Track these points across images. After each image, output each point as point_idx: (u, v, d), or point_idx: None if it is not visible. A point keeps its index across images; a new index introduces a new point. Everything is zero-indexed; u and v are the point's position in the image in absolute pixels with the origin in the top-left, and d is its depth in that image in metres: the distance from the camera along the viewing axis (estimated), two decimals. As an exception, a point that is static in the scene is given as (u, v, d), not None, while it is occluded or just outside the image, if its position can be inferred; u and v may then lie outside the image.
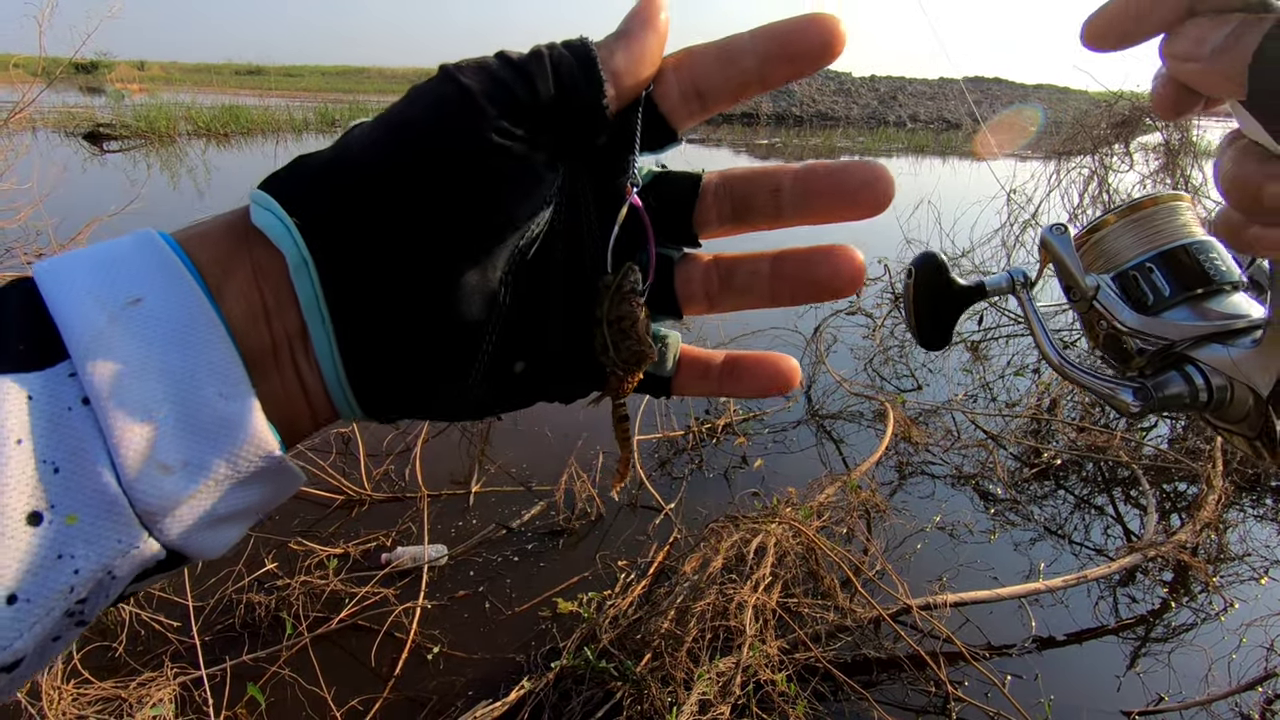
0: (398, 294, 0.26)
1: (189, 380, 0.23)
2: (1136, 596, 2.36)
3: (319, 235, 0.25)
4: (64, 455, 0.21)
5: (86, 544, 0.22)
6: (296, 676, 1.79)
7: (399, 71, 54.60)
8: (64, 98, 18.06)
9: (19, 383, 0.21)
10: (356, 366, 0.26)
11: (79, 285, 0.23)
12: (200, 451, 0.23)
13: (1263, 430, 0.36)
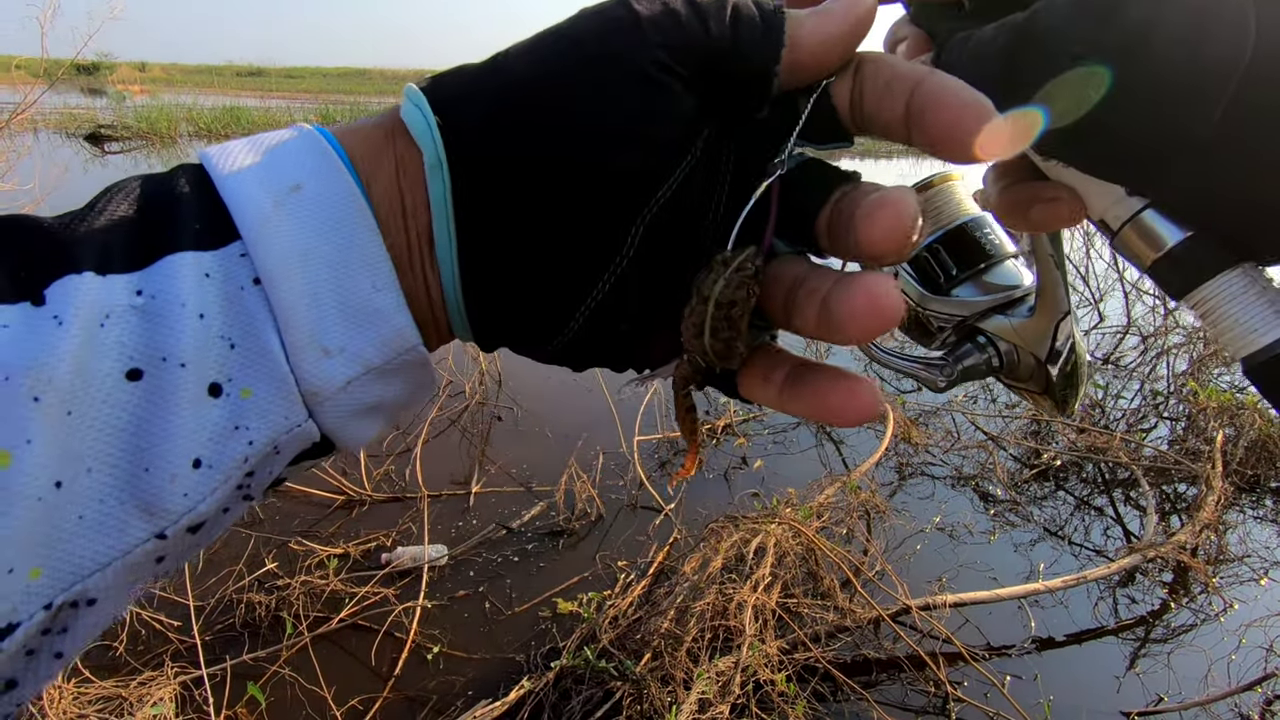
0: (525, 214, 0.25)
1: (345, 269, 0.24)
2: (1136, 597, 2.36)
3: (460, 137, 0.25)
4: (239, 332, 0.22)
5: (259, 418, 0.23)
6: (296, 676, 1.79)
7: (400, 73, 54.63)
8: (65, 99, 18.10)
9: (197, 260, 0.22)
10: (473, 280, 0.26)
11: (246, 170, 0.24)
12: (356, 338, 0.24)
13: (1047, 387, 0.40)
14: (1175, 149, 0.24)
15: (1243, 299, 0.25)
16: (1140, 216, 0.26)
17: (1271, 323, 0.24)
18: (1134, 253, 0.27)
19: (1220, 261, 0.25)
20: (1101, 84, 0.23)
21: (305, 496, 2.53)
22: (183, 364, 0.21)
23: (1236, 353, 0.25)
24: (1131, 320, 4.49)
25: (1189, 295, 0.26)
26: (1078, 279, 4.82)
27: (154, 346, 0.21)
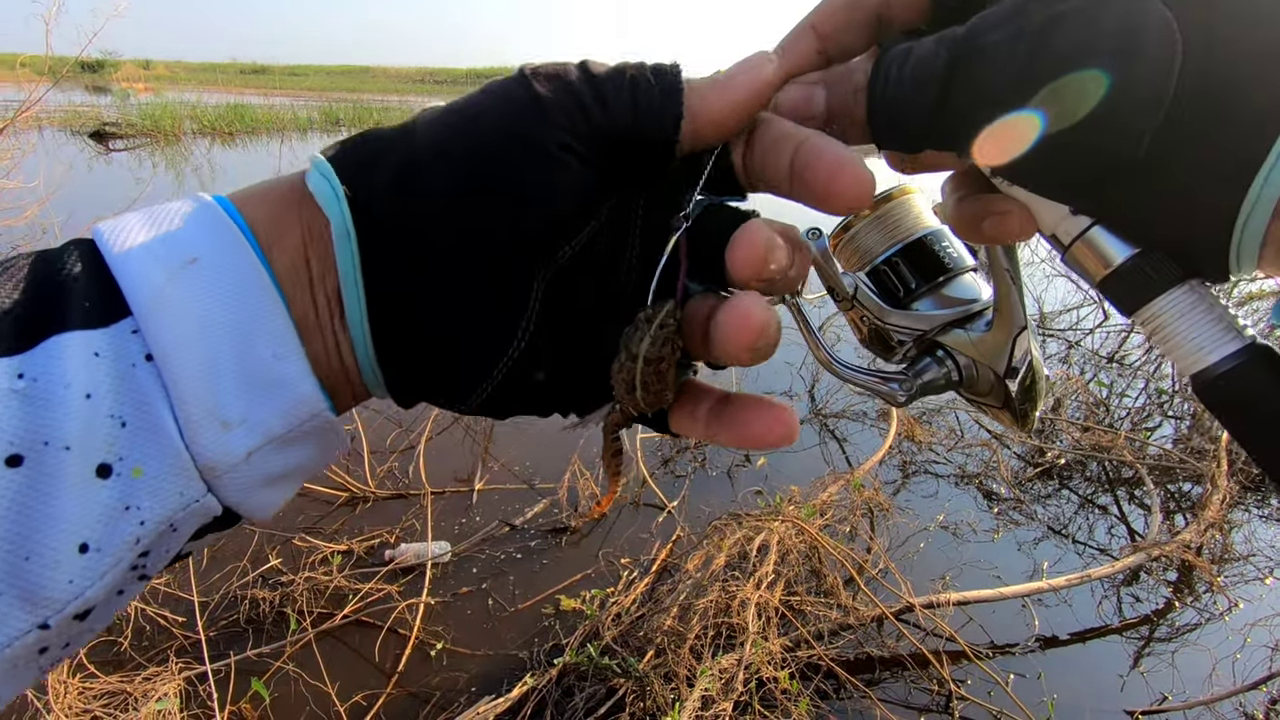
0: (433, 279, 0.26)
1: (246, 338, 0.24)
2: (1140, 596, 2.35)
3: (366, 206, 0.25)
4: (130, 410, 0.22)
5: (151, 496, 0.22)
6: (300, 672, 1.79)
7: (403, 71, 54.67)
8: (70, 97, 18.14)
9: (86, 339, 0.22)
10: (385, 343, 0.26)
11: (138, 245, 0.24)
12: (258, 408, 0.24)
13: (1006, 401, 0.40)
14: (1111, 172, 0.24)
15: (1190, 316, 0.25)
16: (1089, 233, 0.26)
17: (1218, 340, 0.24)
18: (1084, 269, 0.27)
19: (1167, 278, 0.25)
20: (1035, 129, 0.24)
21: (309, 493, 2.53)
22: (67, 447, 0.21)
23: (1184, 370, 0.25)
24: (1136, 318, 4.47)
25: (1138, 312, 0.26)
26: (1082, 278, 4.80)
27: (35, 431, 0.21)
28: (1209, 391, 0.25)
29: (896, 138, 0.27)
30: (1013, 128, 0.24)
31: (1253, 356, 0.24)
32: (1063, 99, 0.23)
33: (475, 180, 0.25)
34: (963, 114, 0.25)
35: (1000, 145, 0.25)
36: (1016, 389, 0.39)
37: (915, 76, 0.25)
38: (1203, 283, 0.25)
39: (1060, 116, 0.23)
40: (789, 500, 2.25)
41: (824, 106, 0.27)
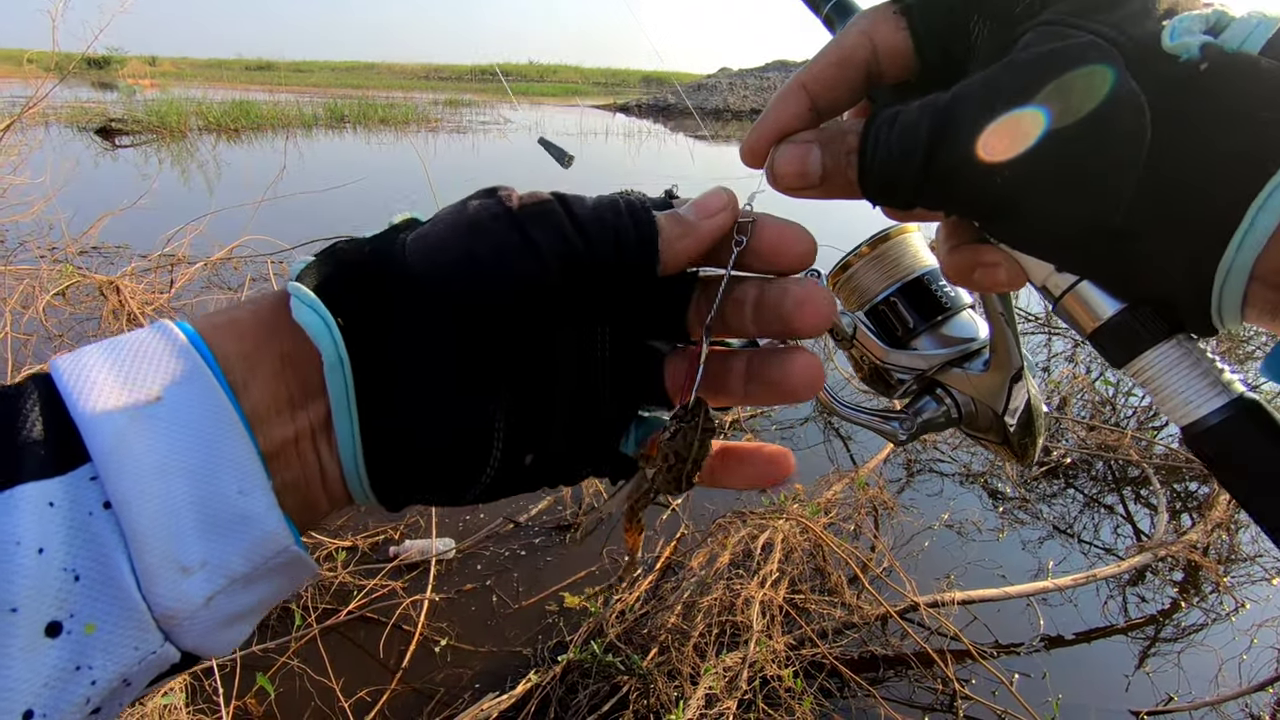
0: (424, 402, 0.27)
1: (209, 478, 0.23)
2: (1146, 596, 2.34)
3: (358, 336, 0.26)
4: (85, 562, 0.21)
5: (104, 653, 0.21)
6: (305, 667, 1.80)
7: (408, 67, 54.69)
8: (76, 93, 18.20)
9: (40, 490, 0.21)
10: (376, 462, 0.27)
11: (99, 384, 0.23)
12: (219, 550, 0.23)
13: (1005, 438, 0.41)
14: (1090, 236, 0.25)
15: (1177, 370, 0.26)
16: (1078, 287, 0.27)
17: (1205, 395, 0.25)
18: (1074, 321, 0.28)
19: (1155, 333, 0.26)
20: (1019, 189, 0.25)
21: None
22: (13, 609, 0.20)
23: (1176, 422, 0.26)
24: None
25: (1128, 365, 0.27)
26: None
27: None
28: (1197, 444, 0.25)
29: (888, 200, 0.28)
30: (998, 186, 0.25)
31: (1239, 411, 0.25)
32: (1039, 164, 0.24)
33: (469, 313, 0.26)
34: (947, 181, 0.26)
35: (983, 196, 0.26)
36: (1015, 426, 0.40)
37: (901, 145, 0.26)
38: (1190, 336, 0.26)
39: (1040, 184, 0.25)
40: (793, 498, 2.25)
41: (819, 168, 0.29)
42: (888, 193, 0.28)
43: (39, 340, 3.39)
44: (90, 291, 3.83)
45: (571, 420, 0.30)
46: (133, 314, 3.52)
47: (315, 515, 0.28)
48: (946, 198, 0.27)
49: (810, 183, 0.29)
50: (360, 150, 12.05)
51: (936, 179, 0.26)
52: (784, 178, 0.29)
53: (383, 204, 6.40)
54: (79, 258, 4.54)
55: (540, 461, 0.30)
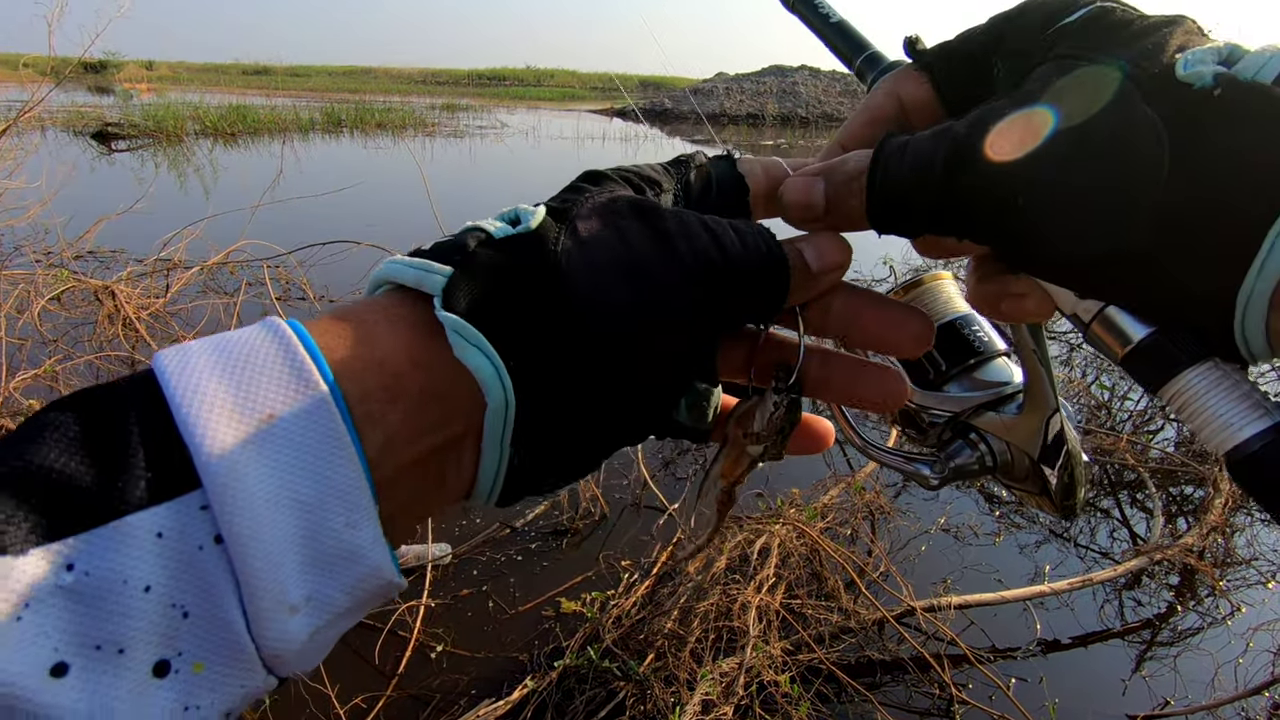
0: (567, 438, 0.27)
1: (318, 510, 0.21)
2: (1142, 600, 2.35)
3: (527, 378, 0.25)
4: (193, 598, 0.20)
5: (211, 691, 0.20)
6: (300, 673, 1.79)
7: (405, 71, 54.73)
8: (73, 97, 18.19)
9: (148, 520, 0.19)
10: (510, 485, 0.27)
11: (209, 396, 0.21)
12: (324, 586, 0.22)
13: (1042, 488, 0.40)
14: (1110, 263, 0.25)
15: (1214, 394, 0.24)
16: (1107, 312, 0.27)
17: (1246, 417, 0.24)
18: (1105, 347, 0.27)
19: (1190, 356, 0.25)
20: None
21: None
22: (120, 650, 0.19)
23: (1217, 449, 0.25)
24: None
25: (1163, 390, 0.26)
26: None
27: (86, 633, 0.18)
28: (1241, 469, 0.24)
29: (895, 225, 0.28)
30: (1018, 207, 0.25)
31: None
32: (1062, 190, 0.24)
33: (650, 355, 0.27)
34: (967, 202, 0.26)
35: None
36: (1055, 480, 0.39)
37: (914, 171, 0.27)
38: (1226, 359, 0.25)
39: (1064, 210, 0.24)
40: (790, 503, 2.25)
41: (823, 198, 0.29)
42: (896, 216, 0.28)
43: (34, 345, 3.38)
44: (86, 296, 3.82)
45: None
46: (128, 318, 3.51)
47: (420, 523, 0.29)
48: (965, 220, 0.27)
49: (815, 213, 0.29)
50: (357, 155, 12.06)
51: (956, 200, 0.26)
52: (791, 208, 0.30)
53: (380, 208, 6.41)
54: (75, 262, 4.53)
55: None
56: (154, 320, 3.67)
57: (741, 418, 0.31)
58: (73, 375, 3.07)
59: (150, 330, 3.54)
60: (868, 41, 0.46)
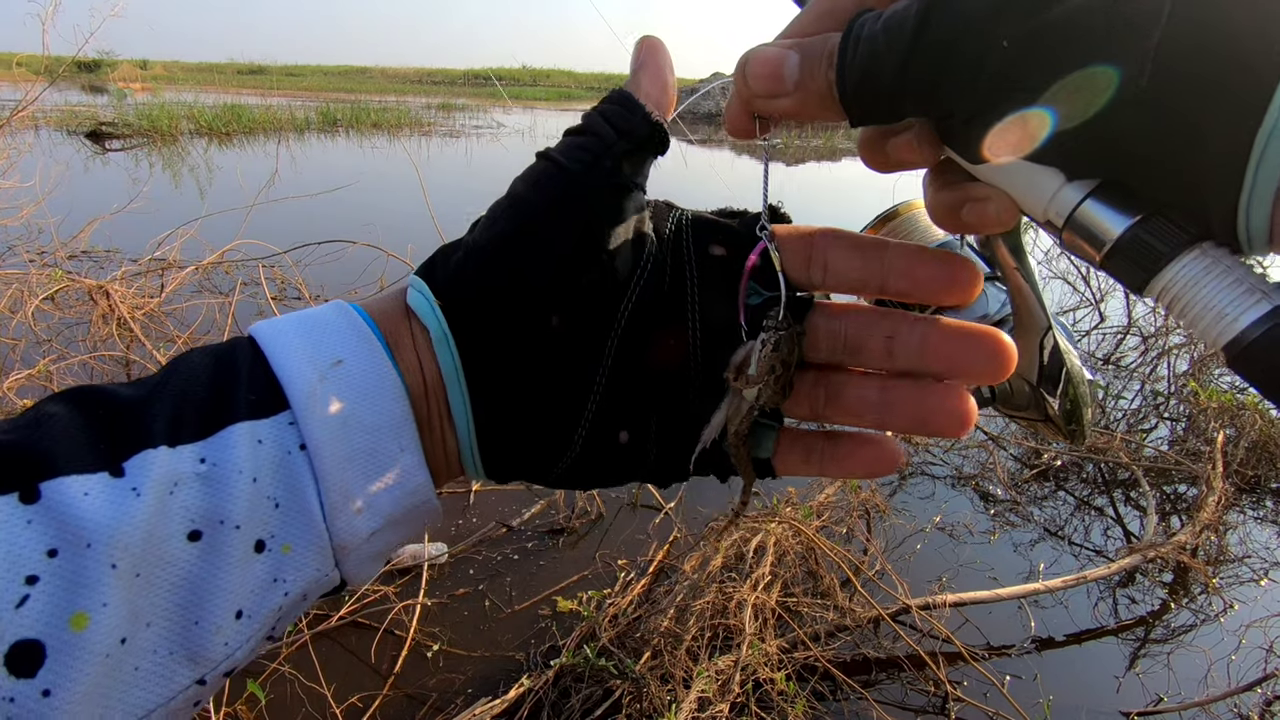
0: (517, 359, 0.29)
1: (378, 433, 0.27)
2: (1136, 598, 2.36)
3: (457, 312, 0.29)
4: (284, 493, 0.25)
5: (295, 570, 0.25)
6: (296, 673, 1.79)
7: (401, 71, 54.60)
8: (67, 96, 18.10)
9: (252, 429, 0.25)
10: (485, 431, 0.30)
11: (294, 346, 0.27)
12: (382, 495, 0.27)
13: (1046, 415, 0.38)
14: (1109, 111, 0.22)
15: (1207, 281, 0.22)
16: (1084, 208, 0.24)
17: (1243, 303, 0.21)
18: (1084, 249, 0.25)
19: (1175, 243, 0.23)
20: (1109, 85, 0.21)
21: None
22: (237, 526, 0.24)
23: (1214, 342, 0.22)
24: (1132, 320, 4.48)
25: (1149, 286, 0.23)
26: (1079, 279, 4.81)
27: (213, 510, 0.24)
28: (1243, 362, 0.22)
29: (868, 102, 0.25)
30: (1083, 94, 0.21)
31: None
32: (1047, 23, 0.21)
33: (523, 248, 0.29)
34: (942, 54, 0.23)
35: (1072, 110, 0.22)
36: (1058, 403, 0.37)
37: (887, 29, 0.24)
38: (1216, 245, 0.22)
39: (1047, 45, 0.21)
40: (786, 502, 2.26)
41: (795, 71, 0.26)
42: (868, 90, 0.25)
43: (28, 345, 3.37)
44: (80, 296, 3.80)
45: (664, 404, 0.31)
46: (122, 318, 3.50)
47: (437, 480, 0.31)
48: (939, 77, 0.23)
49: (783, 89, 0.27)
50: (353, 154, 12.03)
51: (929, 52, 0.23)
52: (755, 80, 0.27)
53: (376, 208, 6.39)
54: (68, 262, 4.51)
55: (637, 442, 0.31)
56: (149, 320, 3.65)
57: (738, 364, 0.30)
58: (67, 375, 3.06)
59: (145, 330, 3.52)
60: None
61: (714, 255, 0.32)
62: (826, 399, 0.32)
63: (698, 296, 0.31)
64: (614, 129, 0.30)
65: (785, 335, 0.29)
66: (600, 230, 0.30)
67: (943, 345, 0.30)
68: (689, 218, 0.33)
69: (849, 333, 0.31)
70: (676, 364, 0.31)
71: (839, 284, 0.31)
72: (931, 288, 0.30)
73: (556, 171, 0.30)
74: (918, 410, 0.31)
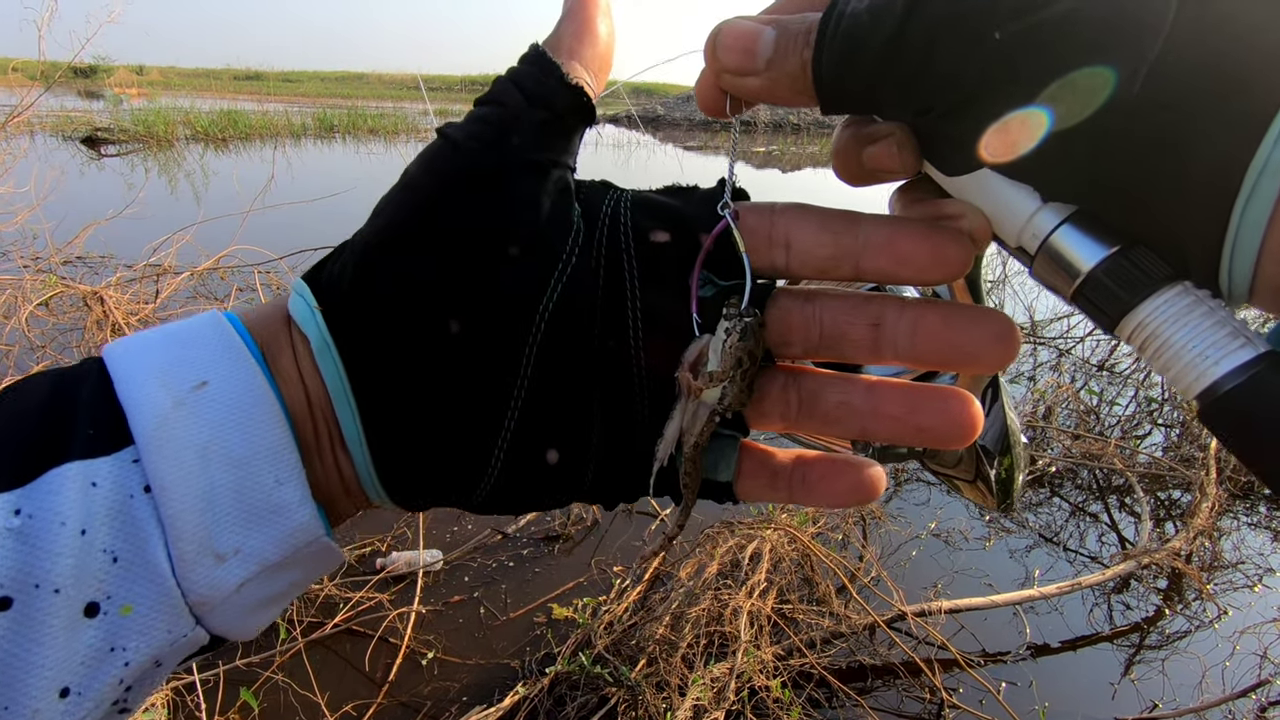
0: (413, 370, 0.25)
1: (247, 465, 0.23)
2: (1131, 603, 2.36)
3: (341, 317, 0.25)
4: (124, 544, 0.21)
5: (139, 635, 0.22)
6: (290, 681, 1.78)
7: (397, 77, 54.67)
8: (62, 102, 18.06)
9: (85, 470, 0.21)
10: (382, 453, 0.26)
11: (148, 368, 0.23)
12: (254, 537, 0.23)
13: (977, 473, 0.35)
14: (1102, 115, 0.20)
15: (1189, 319, 0.20)
16: (1058, 234, 0.22)
17: (1224, 347, 0.19)
18: (1055, 280, 0.23)
19: (1158, 275, 0.21)
20: (1106, 85, 0.20)
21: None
22: (56, 589, 0.20)
23: (1187, 391, 0.20)
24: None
25: (1122, 322, 0.21)
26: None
27: (26, 572, 0.20)
28: (1218, 412, 0.19)
29: (844, 83, 0.23)
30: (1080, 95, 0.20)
31: (1272, 365, 0.19)
32: (1050, 13, 0.19)
33: (419, 239, 0.25)
34: (927, 43, 0.21)
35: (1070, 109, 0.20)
36: (995, 465, 0.34)
37: (873, 8, 0.22)
38: (1198, 285, 0.21)
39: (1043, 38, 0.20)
40: (781, 508, 2.26)
41: (770, 48, 0.24)
42: (845, 74, 0.23)
43: (21, 351, 3.35)
44: (74, 302, 3.79)
45: (604, 415, 0.27)
46: (117, 324, 3.48)
47: (339, 514, 0.28)
48: (923, 67, 0.21)
49: (754, 66, 0.24)
50: (350, 160, 12.04)
51: (915, 39, 0.21)
52: (725, 53, 0.24)
53: (372, 214, 6.38)
54: (63, 268, 4.50)
55: (570, 462, 0.27)
56: (143, 326, 3.64)
57: (692, 363, 0.26)
58: (61, 381, 3.05)
59: (139, 336, 3.51)
60: None
61: (655, 242, 0.27)
62: (800, 405, 0.28)
63: (638, 288, 0.26)
64: (524, 96, 0.26)
65: (751, 323, 0.25)
66: (506, 218, 0.25)
67: (942, 331, 0.25)
68: (628, 199, 0.28)
69: (825, 320, 0.26)
70: (616, 368, 0.26)
71: (805, 266, 0.27)
72: (918, 264, 0.25)
73: (450, 151, 0.26)
74: (912, 417, 0.26)
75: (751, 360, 0.25)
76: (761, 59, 0.24)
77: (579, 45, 0.28)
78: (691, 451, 0.27)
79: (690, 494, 0.28)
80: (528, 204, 0.26)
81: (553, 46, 0.27)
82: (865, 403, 0.27)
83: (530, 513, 0.30)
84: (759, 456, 0.29)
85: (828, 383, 0.27)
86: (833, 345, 0.27)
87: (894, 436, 0.26)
